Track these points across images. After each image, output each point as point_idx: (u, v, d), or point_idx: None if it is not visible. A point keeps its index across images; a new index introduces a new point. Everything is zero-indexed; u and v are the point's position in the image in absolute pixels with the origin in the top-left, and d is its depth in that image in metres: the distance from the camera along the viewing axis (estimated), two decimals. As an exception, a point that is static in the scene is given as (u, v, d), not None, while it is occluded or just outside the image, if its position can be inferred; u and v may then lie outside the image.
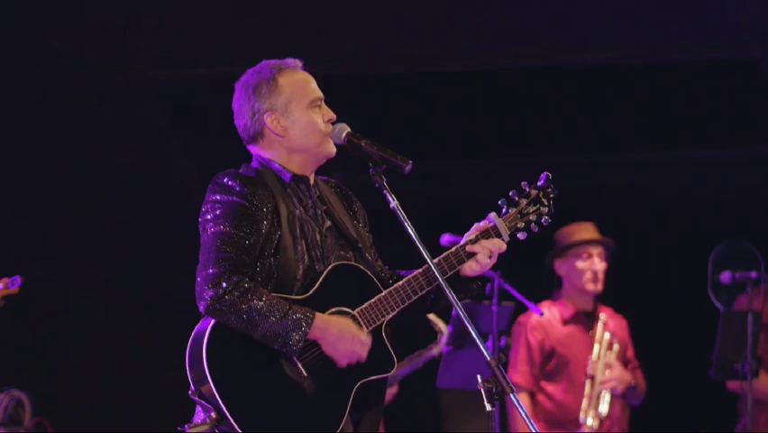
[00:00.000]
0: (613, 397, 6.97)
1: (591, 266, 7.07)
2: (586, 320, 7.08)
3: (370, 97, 8.16)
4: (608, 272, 7.10)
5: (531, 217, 4.39)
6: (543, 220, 4.39)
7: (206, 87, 8.13)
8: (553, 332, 7.03)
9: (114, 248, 8.30)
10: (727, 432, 6.96)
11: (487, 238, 4.30)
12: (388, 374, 4.20)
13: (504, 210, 4.38)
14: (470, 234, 4.33)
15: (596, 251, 7.10)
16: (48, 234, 8.05)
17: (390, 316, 4.22)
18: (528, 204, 4.40)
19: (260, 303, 4.03)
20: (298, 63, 4.38)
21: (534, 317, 7.02)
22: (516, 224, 4.37)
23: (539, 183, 4.43)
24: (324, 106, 4.35)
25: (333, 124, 4.33)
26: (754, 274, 6.67)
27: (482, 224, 4.36)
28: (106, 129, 8.15)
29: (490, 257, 4.29)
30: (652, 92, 8.47)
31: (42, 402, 6.73)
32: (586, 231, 7.14)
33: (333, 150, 4.32)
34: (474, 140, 8.92)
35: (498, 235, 4.32)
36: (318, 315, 4.10)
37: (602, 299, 7.15)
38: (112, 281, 8.25)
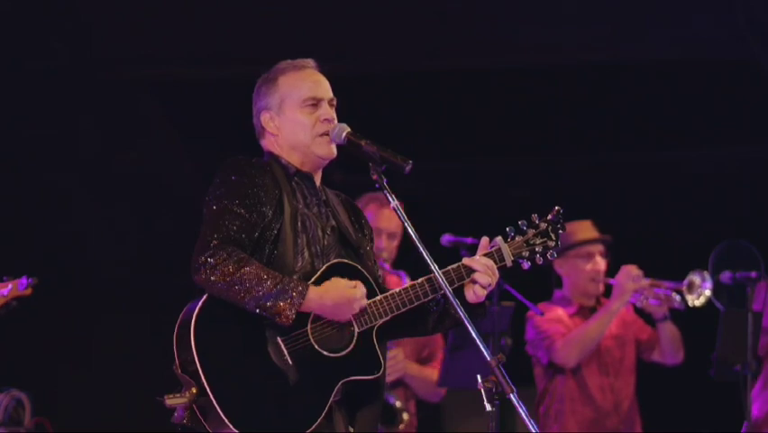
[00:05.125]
0: (622, 393, 6.94)
1: (594, 266, 7.03)
2: (589, 314, 7.04)
3: (370, 97, 8.15)
4: (608, 269, 7.08)
5: (537, 249, 4.37)
6: (548, 254, 4.39)
7: (206, 87, 8.14)
8: (565, 323, 6.98)
9: (113, 247, 8.31)
10: (728, 432, 6.95)
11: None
12: (373, 377, 4.19)
13: (511, 237, 4.37)
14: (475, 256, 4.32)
15: (597, 249, 7.06)
16: (47, 234, 8.05)
17: (384, 320, 4.21)
18: (536, 235, 4.38)
19: (254, 270, 4.03)
20: (309, 62, 4.39)
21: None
22: (521, 252, 4.36)
23: (549, 217, 4.43)
24: (325, 106, 4.34)
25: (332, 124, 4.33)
26: (754, 274, 6.67)
27: (484, 243, 4.35)
28: (106, 129, 8.15)
29: (491, 277, 4.25)
30: (652, 92, 8.46)
31: (42, 402, 6.72)
32: (586, 230, 7.08)
33: (328, 152, 4.31)
34: (475, 140, 8.92)
35: (501, 259, 4.31)
36: (312, 287, 4.10)
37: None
38: (111, 281, 8.25)
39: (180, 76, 8.21)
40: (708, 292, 6.86)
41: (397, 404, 6.94)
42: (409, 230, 4.11)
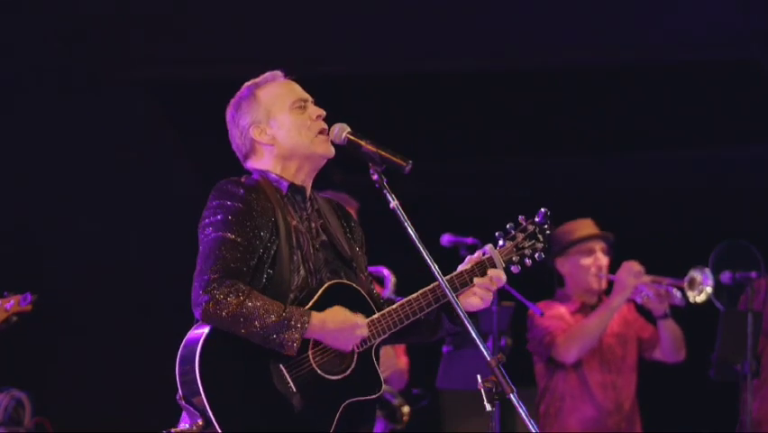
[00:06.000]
0: (624, 392, 6.94)
1: (596, 262, 7.03)
2: (591, 311, 7.04)
3: (369, 97, 8.16)
4: (609, 267, 7.08)
5: (526, 252, 4.38)
6: (537, 255, 4.39)
7: (206, 87, 8.14)
8: (567, 320, 6.98)
9: (112, 248, 8.30)
10: (727, 432, 6.96)
11: (482, 269, 4.30)
12: (375, 396, 4.20)
13: (501, 243, 4.38)
14: (465, 265, 4.31)
15: (598, 246, 7.06)
16: (46, 234, 8.05)
17: (381, 338, 4.21)
18: (525, 238, 4.39)
19: (257, 303, 4.03)
20: (278, 73, 4.37)
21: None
22: (512, 257, 4.36)
23: (537, 219, 4.42)
24: (312, 106, 4.33)
25: (329, 124, 4.32)
26: (754, 274, 6.67)
27: (476, 255, 4.35)
28: (106, 129, 8.15)
29: (489, 291, 4.27)
30: (652, 92, 8.47)
31: (42, 402, 6.73)
32: (586, 227, 7.08)
33: (328, 149, 4.30)
34: (475, 140, 8.92)
35: (493, 267, 4.31)
36: (314, 313, 4.10)
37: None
38: (111, 282, 8.25)
39: (180, 76, 8.21)
40: (709, 289, 6.87)
41: (396, 402, 6.95)
42: (409, 231, 4.10)
